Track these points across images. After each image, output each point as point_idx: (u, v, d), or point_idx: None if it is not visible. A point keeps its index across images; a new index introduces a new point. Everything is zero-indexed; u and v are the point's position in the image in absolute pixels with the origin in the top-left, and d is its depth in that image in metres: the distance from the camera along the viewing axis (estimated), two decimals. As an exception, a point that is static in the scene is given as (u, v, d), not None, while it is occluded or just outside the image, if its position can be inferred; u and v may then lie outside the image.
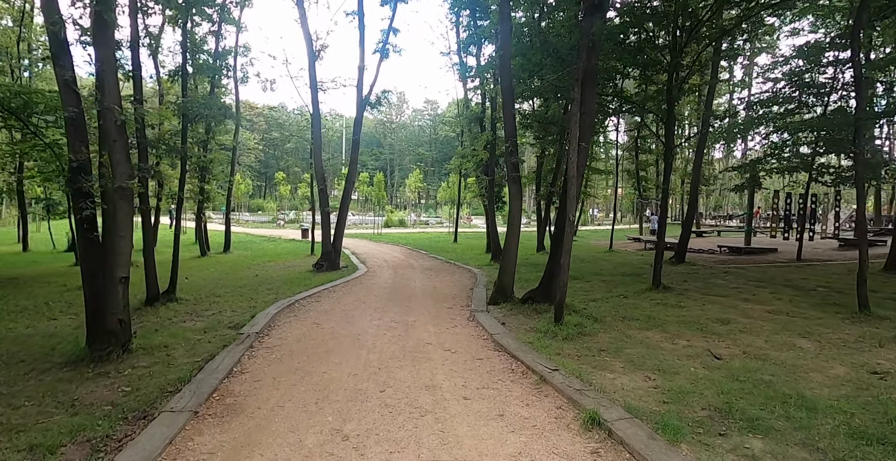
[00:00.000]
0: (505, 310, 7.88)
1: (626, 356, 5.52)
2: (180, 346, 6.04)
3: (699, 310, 8.21)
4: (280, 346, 5.76)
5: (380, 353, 5.54)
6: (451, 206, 45.02)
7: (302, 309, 7.98)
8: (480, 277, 11.85)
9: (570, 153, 6.09)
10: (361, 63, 14.70)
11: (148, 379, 4.88)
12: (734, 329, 6.90)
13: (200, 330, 6.97)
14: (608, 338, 6.35)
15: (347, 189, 14.60)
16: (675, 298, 9.20)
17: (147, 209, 9.21)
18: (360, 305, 8.32)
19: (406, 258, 17.10)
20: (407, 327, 6.83)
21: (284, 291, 10.08)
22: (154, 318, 8.25)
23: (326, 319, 7.22)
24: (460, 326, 6.98)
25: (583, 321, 6.99)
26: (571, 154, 6.08)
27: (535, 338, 6.12)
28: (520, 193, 8.08)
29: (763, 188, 17.79)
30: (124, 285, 5.66)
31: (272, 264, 16.05)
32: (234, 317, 7.64)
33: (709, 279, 11.86)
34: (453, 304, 8.63)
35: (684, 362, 5.39)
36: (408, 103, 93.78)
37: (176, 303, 9.41)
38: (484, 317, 7.24)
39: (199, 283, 12.21)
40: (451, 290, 10.25)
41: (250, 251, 20.82)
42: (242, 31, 20.26)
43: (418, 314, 7.75)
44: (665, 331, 6.75)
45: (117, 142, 5.40)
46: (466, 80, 19.29)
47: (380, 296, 9.26)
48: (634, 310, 8.18)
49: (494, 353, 5.63)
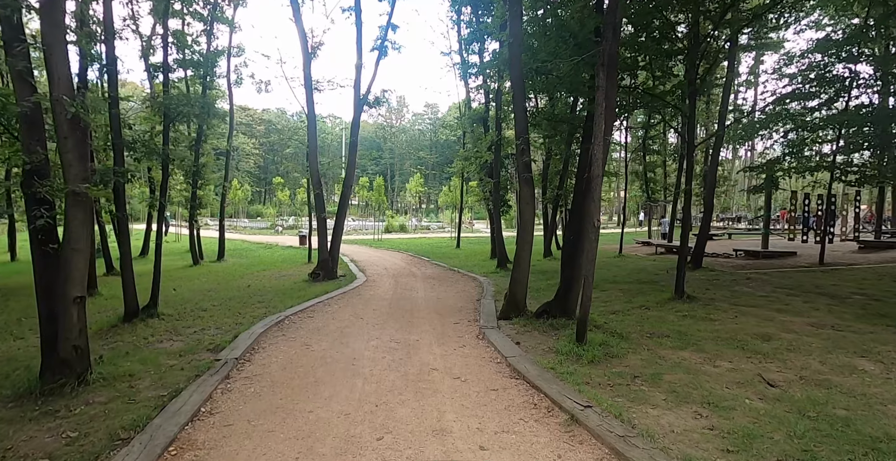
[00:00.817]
0: (518, 326, 7.07)
1: (667, 384, 4.71)
2: (148, 376, 5.24)
3: (733, 323, 7.39)
4: (261, 376, 4.95)
5: (377, 384, 4.73)
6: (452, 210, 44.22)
7: (292, 326, 7.17)
8: (487, 287, 11.05)
9: (594, 149, 5.30)
10: (359, 61, 13.97)
11: (101, 421, 4.08)
12: (779, 347, 6.09)
13: (176, 353, 6.18)
14: (639, 360, 5.54)
15: (345, 193, 13.82)
16: (702, 310, 8.39)
17: (124, 217, 8.42)
18: (356, 321, 7.51)
19: (407, 265, 16.30)
20: (409, 348, 6.02)
21: (276, 305, 9.29)
22: (129, 338, 7.46)
23: (318, 339, 6.41)
24: (469, 346, 6.17)
25: (607, 339, 6.19)
26: (595, 150, 5.30)
27: (556, 362, 5.31)
28: (533, 196, 7.29)
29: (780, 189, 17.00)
30: (80, 306, 4.87)
31: (266, 273, 15.26)
32: (216, 337, 6.85)
33: (732, 287, 11.04)
34: (460, 319, 7.82)
35: (735, 392, 4.58)
36: (408, 107, 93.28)
37: (157, 320, 8.63)
38: (495, 335, 6.43)
39: (187, 296, 11.42)
40: (456, 302, 9.44)
41: (245, 259, 20.03)
42: (236, 31, 19.58)
43: (422, 331, 6.94)
44: (702, 351, 5.94)
45: (69, 139, 4.62)
46: (468, 80, 18.55)
47: (379, 310, 8.45)
48: (661, 324, 7.37)
49: (511, 382, 4.83)
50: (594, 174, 5.35)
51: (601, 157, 5.36)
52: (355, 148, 14.07)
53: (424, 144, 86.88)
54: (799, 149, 14.67)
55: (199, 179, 17.57)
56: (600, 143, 5.30)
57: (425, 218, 59.26)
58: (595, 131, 5.30)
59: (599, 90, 5.22)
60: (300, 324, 7.29)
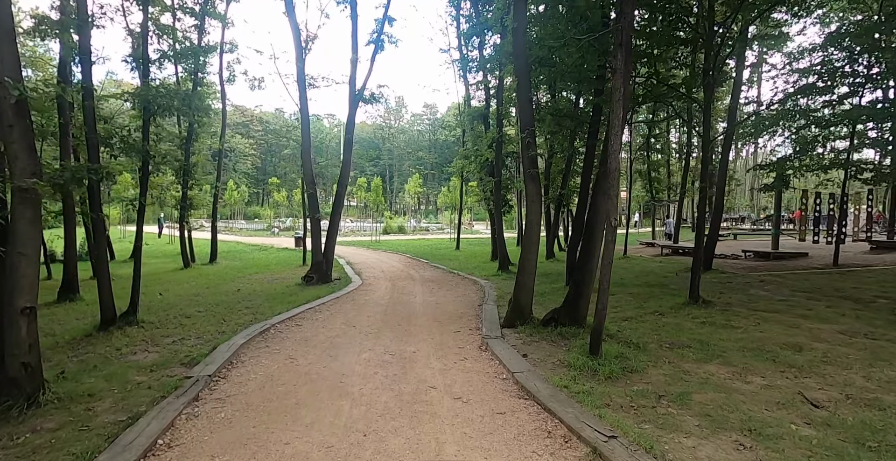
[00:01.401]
0: (524, 335, 6.48)
1: (698, 406, 4.13)
2: (111, 395, 4.65)
3: (757, 331, 6.82)
4: (235, 397, 4.36)
5: (367, 406, 4.14)
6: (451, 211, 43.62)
7: (277, 336, 6.58)
8: (489, 291, 10.46)
9: (611, 140, 4.72)
10: (354, 55, 13.42)
11: (44, 453, 3.50)
12: (814, 359, 5.51)
13: (148, 367, 5.59)
14: (662, 375, 4.96)
15: (339, 193, 13.24)
16: (721, 316, 7.81)
17: (99, 218, 7.82)
18: (348, 330, 6.92)
19: (405, 268, 15.71)
20: (404, 362, 5.43)
21: (264, 311, 8.70)
22: (102, 348, 6.87)
23: (304, 352, 5.82)
24: (471, 359, 5.58)
25: (623, 351, 5.61)
26: (612, 140, 4.72)
27: (569, 379, 4.73)
28: (539, 194, 6.72)
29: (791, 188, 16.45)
30: (29, 318, 4.28)
31: (259, 276, 14.66)
32: (194, 349, 6.26)
33: (747, 290, 10.46)
34: (460, 327, 7.23)
35: (777, 415, 4.01)
36: (406, 108, 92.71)
37: (135, 328, 8.03)
38: (500, 346, 5.85)
39: (172, 301, 10.82)
40: (456, 307, 8.86)
41: (238, 261, 19.42)
42: (229, 27, 19.01)
43: (419, 341, 6.36)
44: (729, 364, 5.36)
45: (14, 128, 4.04)
46: (468, 76, 18.00)
47: (373, 317, 7.86)
48: (679, 332, 6.79)
49: (520, 403, 4.24)
50: (610, 168, 4.77)
51: (618, 148, 4.79)
52: (351, 146, 13.50)
53: (423, 145, 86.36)
54: (811, 146, 14.12)
55: (189, 179, 17.03)
56: (617, 133, 4.72)
57: (424, 219, 58.66)
58: (611, 120, 4.73)
59: (616, 73, 4.65)
60: (286, 334, 6.70)
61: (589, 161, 10.36)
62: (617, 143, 4.74)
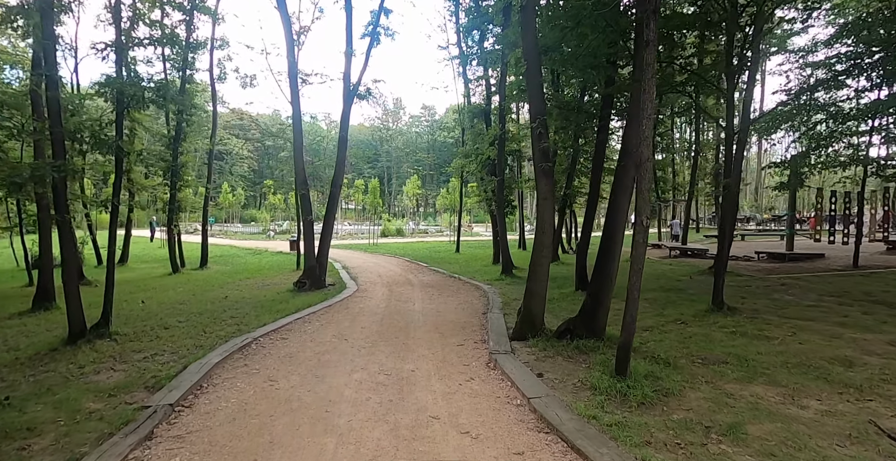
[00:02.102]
0: (537, 349, 5.77)
1: (756, 441, 3.43)
2: (54, 429, 3.92)
3: (795, 342, 6.12)
4: (198, 434, 3.63)
5: (357, 445, 3.42)
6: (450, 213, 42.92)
7: (258, 352, 5.85)
8: (493, 297, 9.74)
9: (643, 123, 4.02)
10: (349, 48, 12.71)
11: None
12: (871, 376, 4.81)
13: (107, 391, 4.86)
14: (702, 399, 4.24)
15: (333, 193, 12.52)
16: (750, 324, 7.11)
17: (66, 221, 7.10)
18: (339, 344, 6.20)
19: (404, 272, 14.98)
20: (402, 383, 4.71)
21: (249, 321, 7.97)
22: (64, 366, 6.15)
23: (287, 372, 5.09)
24: (478, 379, 4.86)
25: (652, 368, 4.90)
26: (644, 125, 4.02)
27: (596, 406, 4.02)
28: (552, 191, 6.01)
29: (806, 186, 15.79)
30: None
31: (249, 282, 13.92)
32: (165, 367, 5.55)
33: (770, 294, 9.77)
34: (464, 339, 6.51)
35: (852, 452, 3.31)
36: (405, 109, 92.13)
37: (106, 341, 7.29)
38: (510, 363, 5.13)
39: (154, 309, 10.08)
40: (458, 316, 8.14)
41: (230, 266, 18.68)
42: (219, 23, 18.30)
43: (418, 357, 5.64)
44: (776, 383, 4.65)
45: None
46: (467, 73, 17.31)
47: (368, 329, 7.13)
48: (709, 344, 6.08)
49: (541, 439, 3.53)
50: (642, 158, 4.07)
51: (650, 134, 4.08)
52: (345, 144, 12.79)
53: (422, 147, 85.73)
54: (828, 142, 13.45)
55: (178, 181, 16.33)
56: (649, 116, 4.03)
57: (423, 221, 57.90)
58: (642, 100, 4.03)
59: (648, 46, 3.95)
60: (270, 350, 5.96)
61: (599, 157, 9.67)
62: (649, 128, 4.04)
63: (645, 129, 4.01)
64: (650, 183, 4.18)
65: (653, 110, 4.04)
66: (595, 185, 9.52)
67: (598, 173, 9.48)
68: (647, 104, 3.97)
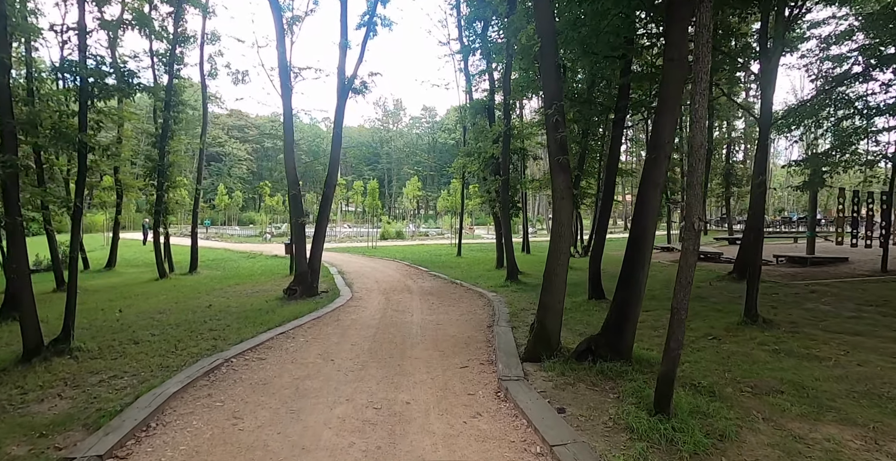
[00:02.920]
0: (554, 374, 4.92)
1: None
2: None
3: (853, 364, 5.27)
4: (124, 502, 2.80)
5: (330, 521, 2.58)
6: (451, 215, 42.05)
7: (228, 378, 5.00)
8: (498, 306, 8.90)
9: (696, 98, 3.19)
10: (343, 40, 11.92)
11: None
12: (963, 411, 3.96)
13: (41, 428, 4.04)
14: (767, 446, 3.40)
15: (327, 194, 11.71)
16: (792, 340, 6.27)
17: (16, 223, 6.28)
18: (324, 367, 5.35)
19: (402, 277, 14.14)
20: (394, 423, 3.87)
21: (228, 335, 7.15)
22: (7, 391, 5.35)
23: (257, 405, 4.25)
24: (487, 416, 4.02)
25: (696, 402, 4.05)
26: (698, 101, 3.18)
27: (637, 458, 3.17)
28: (570, 188, 5.17)
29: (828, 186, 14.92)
30: None
31: (239, 288, 13.09)
32: (118, 395, 4.74)
33: (803, 304, 8.92)
34: (469, 359, 5.67)
35: None
36: (405, 110, 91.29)
37: (64, 359, 6.49)
38: (524, 394, 4.29)
39: (130, 320, 9.26)
40: (461, 330, 7.30)
41: (221, 271, 17.85)
42: (210, 17, 17.55)
43: (415, 384, 4.80)
44: (849, 421, 3.82)
45: None
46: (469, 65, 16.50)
47: (359, 346, 6.29)
48: (752, 365, 5.24)
49: (572, 510, 2.68)
50: (694, 144, 3.23)
51: (703, 115, 3.24)
52: (339, 141, 11.98)
53: (422, 148, 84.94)
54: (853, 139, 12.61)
55: (165, 181, 15.54)
56: (703, 90, 3.19)
57: (423, 224, 56.99)
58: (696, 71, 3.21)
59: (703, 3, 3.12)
60: (242, 373, 5.12)
61: (615, 154, 8.85)
62: (703, 106, 3.20)
63: (699, 108, 3.18)
64: (701, 175, 3.34)
65: (706, 83, 3.21)
66: (610, 183, 8.69)
67: (612, 171, 8.66)
68: (702, 75, 3.15)
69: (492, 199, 15.15)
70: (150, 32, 8.47)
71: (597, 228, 9.12)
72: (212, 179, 63.40)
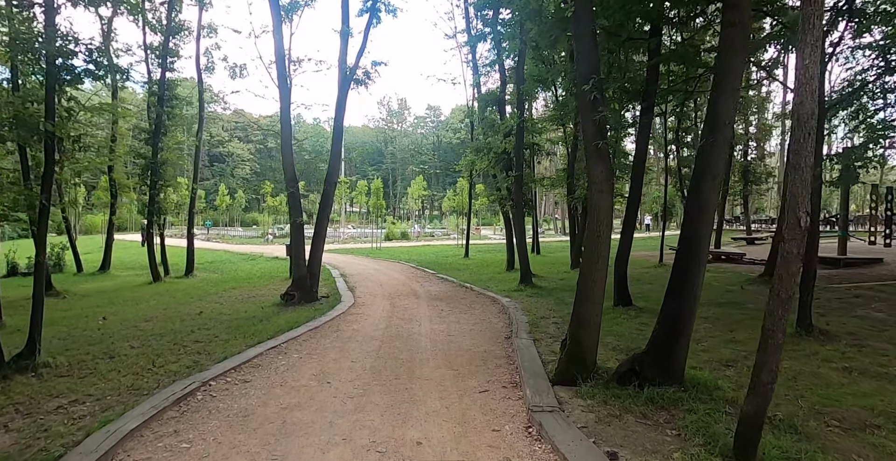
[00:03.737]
0: (594, 402, 4.09)
1: None
2: None
3: (949, 387, 4.41)
4: None
5: None
6: (457, 216, 41.23)
7: (204, 407, 4.19)
8: (515, 314, 8.07)
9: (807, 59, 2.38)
10: (345, 27, 11.14)
11: None
12: None
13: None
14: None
15: (327, 192, 10.92)
16: (862, 356, 5.42)
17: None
18: (318, 392, 4.54)
19: (408, 280, 13.34)
20: (403, 472, 3.05)
21: (214, 349, 6.36)
22: (-51, 420, 4.54)
23: (233, 445, 3.44)
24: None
25: (781, 442, 3.21)
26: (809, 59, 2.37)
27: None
28: (610, 179, 4.33)
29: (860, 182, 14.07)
30: None
31: (235, 293, 12.32)
32: (71, 427, 3.96)
33: (851, 310, 8.07)
34: (488, 380, 4.85)
35: None
36: (409, 110, 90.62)
37: (25, 378, 5.71)
38: (562, 431, 3.47)
39: (112, 329, 8.50)
40: (476, 342, 6.48)
41: (219, 274, 17.10)
42: (207, 9, 16.79)
43: (427, 415, 3.98)
44: None
45: None
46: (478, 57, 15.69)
47: (360, 364, 5.48)
48: (826, 390, 4.40)
49: None
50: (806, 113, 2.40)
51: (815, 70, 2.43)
52: (340, 135, 11.20)
53: (427, 148, 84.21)
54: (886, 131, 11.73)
55: (158, 180, 14.80)
56: (815, 43, 2.38)
57: (429, 224, 56.17)
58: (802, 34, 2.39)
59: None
60: (220, 401, 4.31)
61: (642, 146, 8.02)
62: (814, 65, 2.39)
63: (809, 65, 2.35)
64: (810, 155, 2.51)
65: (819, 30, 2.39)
66: (638, 175, 7.86)
67: (641, 161, 7.83)
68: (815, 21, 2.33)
69: (502, 198, 14.33)
70: (142, 18, 7.72)
71: (623, 226, 8.27)
72: (214, 180, 62.89)
